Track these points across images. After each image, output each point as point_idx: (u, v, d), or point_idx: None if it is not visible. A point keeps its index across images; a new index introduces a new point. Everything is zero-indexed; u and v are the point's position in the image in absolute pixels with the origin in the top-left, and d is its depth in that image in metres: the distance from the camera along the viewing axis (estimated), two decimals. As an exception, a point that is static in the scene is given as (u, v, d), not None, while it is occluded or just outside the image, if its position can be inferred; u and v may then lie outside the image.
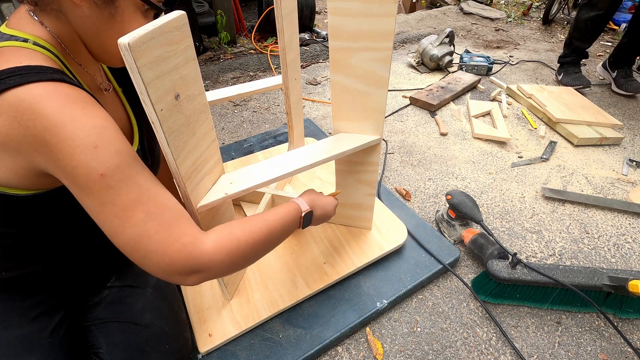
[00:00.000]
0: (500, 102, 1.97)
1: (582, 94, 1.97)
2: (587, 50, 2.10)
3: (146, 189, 0.53)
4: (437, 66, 2.32)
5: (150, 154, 0.74)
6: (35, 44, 0.52)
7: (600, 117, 1.72)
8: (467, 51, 2.46)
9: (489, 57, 2.33)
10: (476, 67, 2.27)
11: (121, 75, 0.73)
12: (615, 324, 0.92)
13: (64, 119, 0.47)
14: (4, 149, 0.48)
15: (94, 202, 0.50)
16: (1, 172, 0.51)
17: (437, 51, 2.26)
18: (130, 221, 0.51)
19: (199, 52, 2.49)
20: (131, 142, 0.71)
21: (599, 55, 2.62)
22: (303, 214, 0.73)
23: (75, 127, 0.47)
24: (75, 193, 0.51)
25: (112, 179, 0.49)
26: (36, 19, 0.54)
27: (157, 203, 0.54)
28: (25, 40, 0.52)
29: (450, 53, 2.31)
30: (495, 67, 2.37)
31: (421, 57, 2.34)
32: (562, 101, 1.84)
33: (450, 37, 2.31)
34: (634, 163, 1.52)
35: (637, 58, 2.13)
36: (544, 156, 1.55)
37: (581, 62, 2.17)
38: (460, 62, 2.35)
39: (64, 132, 0.46)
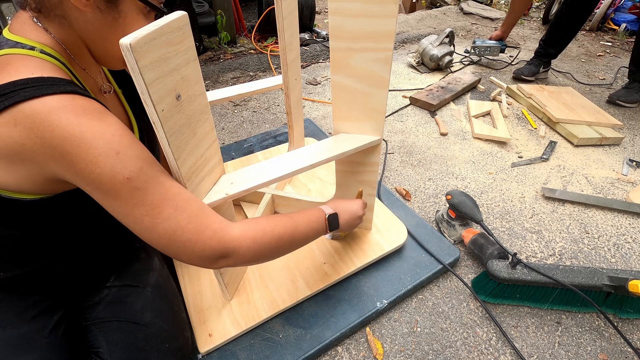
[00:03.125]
0: (500, 102, 1.97)
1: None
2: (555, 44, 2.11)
3: (170, 186, 0.57)
4: (437, 66, 2.32)
5: None
6: (42, 52, 0.53)
7: (600, 117, 1.72)
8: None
9: (501, 40, 2.33)
10: (489, 49, 2.30)
11: (121, 77, 0.74)
12: (615, 324, 0.92)
13: (83, 130, 0.48)
14: (18, 158, 0.49)
15: (122, 204, 0.53)
16: (13, 178, 0.52)
17: (437, 51, 2.26)
18: (161, 217, 0.55)
19: (199, 52, 2.49)
20: None
21: (599, 55, 2.62)
22: (327, 216, 0.78)
23: (95, 136, 0.49)
24: (99, 198, 0.53)
25: (138, 180, 0.52)
26: (40, 25, 0.55)
27: (182, 197, 0.58)
28: (32, 48, 0.52)
29: (450, 53, 2.31)
30: (496, 66, 2.37)
31: (421, 57, 2.34)
32: (562, 101, 1.84)
33: (450, 37, 2.31)
34: (634, 163, 1.52)
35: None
36: (544, 156, 1.55)
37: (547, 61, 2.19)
38: (472, 44, 2.36)
39: (85, 142, 0.48)
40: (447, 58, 2.28)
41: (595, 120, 1.69)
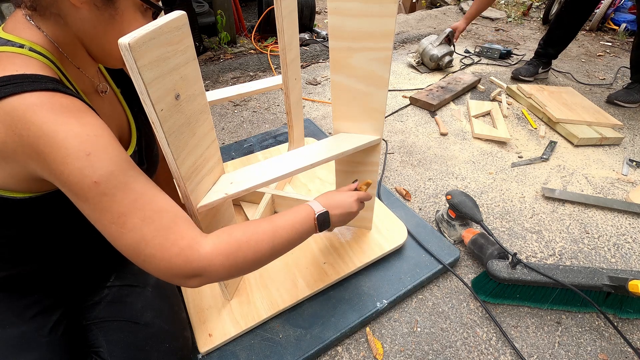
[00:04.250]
0: (500, 102, 1.97)
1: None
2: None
3: (141, 194, 0.53)
4: (437, 66, 2.32)
5: (147, 155, 0.74)
6: (31, 49, 0.52)
7: (600, 117, 1.72)
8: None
9: (506, 47, 2.52)
10: (490, 50, 2.50)
11: (119, 77, 0.73)
12: (615, 324, 0.92)
13: (57, 128, 0.47)
14: (0, 156, 0.49)
15: (90, 208, 0.51)
16: (0, 176, 0.51)
17: (437, 51, 2.26)
18: (126, 227, 0.51)
19: (199, 52, 2.49)
20: (129, 143, 0.71)
21: (599, 55, 2.62)
22: (316, 215, 0.70)
23: (68, 135, 0.47)
24: (73, 199, 0.51)
25: (106, 186, 0.49)
26: (33, 23, 0.54)
27: (153, 207, 0.54)
28: (21, 46, 0.52)
29: (450, 53, 2.31)
30: (496, 68, 2.37)
31: (421, 57, 2.34)
32: (562, 101, 1.84)
33: (450, 37, 2.31)
34: (634, 163, 1.52)
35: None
36: (544, 156, 1.55)
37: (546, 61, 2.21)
38: (481, 46, 2.55)
39: (57, 141, 0.47)
40: (447, 58, 2.28)
41: (595, 120, 1.69)
